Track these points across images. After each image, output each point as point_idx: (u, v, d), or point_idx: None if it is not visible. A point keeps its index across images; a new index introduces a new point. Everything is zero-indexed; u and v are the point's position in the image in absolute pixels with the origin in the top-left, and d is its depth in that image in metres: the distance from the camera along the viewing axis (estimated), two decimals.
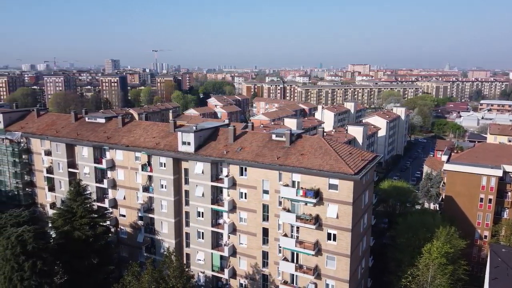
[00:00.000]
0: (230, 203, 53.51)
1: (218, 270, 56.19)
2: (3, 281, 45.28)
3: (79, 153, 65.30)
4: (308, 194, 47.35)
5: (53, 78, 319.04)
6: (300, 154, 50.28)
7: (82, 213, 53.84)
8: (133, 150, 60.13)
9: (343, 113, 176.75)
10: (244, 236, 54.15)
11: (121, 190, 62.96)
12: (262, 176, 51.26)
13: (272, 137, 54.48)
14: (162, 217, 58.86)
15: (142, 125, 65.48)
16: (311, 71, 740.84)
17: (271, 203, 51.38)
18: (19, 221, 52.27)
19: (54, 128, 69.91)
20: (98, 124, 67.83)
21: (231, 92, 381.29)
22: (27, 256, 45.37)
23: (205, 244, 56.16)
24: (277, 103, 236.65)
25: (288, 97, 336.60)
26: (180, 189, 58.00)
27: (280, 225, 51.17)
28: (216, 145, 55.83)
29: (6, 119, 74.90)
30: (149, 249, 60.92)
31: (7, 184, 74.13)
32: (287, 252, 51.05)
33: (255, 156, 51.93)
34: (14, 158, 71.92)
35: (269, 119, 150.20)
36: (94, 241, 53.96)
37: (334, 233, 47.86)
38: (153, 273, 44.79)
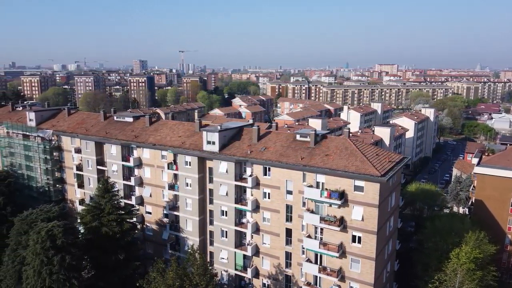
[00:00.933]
0: (253, 202, 53.58)
1: (241, 269, 56.36)
2: (32, 274, 46.67)
3: (107, 151, 66.91)
4: (332, 195, 46.82)
5: (83, 78, 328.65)
6: (325, 154, 49.79)
7: (109, 209, 55.07)
8: (160, 148, 61.13)
9: (370, 114, 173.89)
10: (267, 236, 54.10)
11: (147, 188, 64.10)
12: (285, 177, 51.06)
13: (297, 137, 54.20)
14: (186, 215, 59.57)
15: (169, 125, 66.49)
16: (337, 71, 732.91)
17: (295, 203, 51.10)
18: (49, 216, 53.69)
19: (84, 127, 71.91)
20: (126, 123, 69.32)
21: (255, 92, 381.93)
22: (56, 250, 46.60)
23: (229, 243, 56.46)
24: (302, 103, 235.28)
25: (313, 97, 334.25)
26: (204, 187, 58.54)
27: (304, 226, 50.84)
28: (240, 145, 56.03)
29: (38, 118, 77.56)
30: (174, 246, 61.76)
31: (38, 181, 76.70)
32: (311, 253, 50.65)
33: (279, 156, 51.79)
34: (46, 155, 74.31)
35: (293, 119, 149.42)
36: (121, 237, 55.09)
37: (359, 236, 47.14)
38: (178, 270, 45.31)
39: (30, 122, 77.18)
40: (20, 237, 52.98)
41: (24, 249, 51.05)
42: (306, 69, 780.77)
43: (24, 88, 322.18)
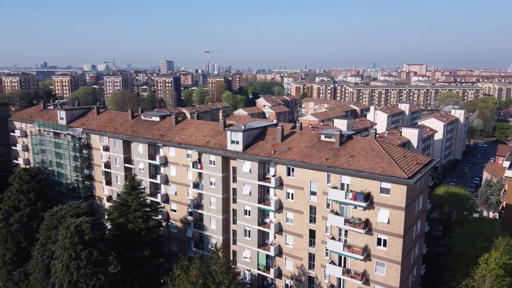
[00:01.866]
0: (276, 203, 53.45)
1: (264, 269, 56.33)
2: (61, 268, 48.04)
3: (134, 149, 68.27)
4: (358, 197, 46.12)
5: (112, 78, 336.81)
6: (350, 155, 49.13)
7: (136, 206, 56.14)
8: (185, 147, 61.88)
9: (397, 115, 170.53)
10: (290, 237, 53.86)
11: (172, 186, 65.03)
12: (309, 177, 50.68)
13: (321, 138, 53.70)
14: (210, 214, 60.06)
15: (194, 124, 67.24)
16: (364, 71, 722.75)
17: (319, 205, 50.65)
18: (78, 212, 55.02)
19: (112, 125, 73.64)
20: (153, 122, 70.55)
21: (280, 92, 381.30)
22: (84, 245, 47.72)
23: (252, 242, 56.54)
24: (327, 103, 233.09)
25: (339, 97, 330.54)
26: (228, 186, 58.86)
27: (328, 227, 50.31)
28: (264, 145, 56.02)
29: (69, 116, 79.95)
30: (198, 244, 62.40)
31: (68, 177, 79.04)
32: (335, 255, 50.08)
33: (303, 156, 51.46)
34: (75, 152, 76.52)
35: (318, 120, 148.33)
36: (146, 234, 56.06)
37: (384, 239, 46.25)
38: (201, 268, 45.68)
39: (61, 120, 79.67)
40: (49, 232, 54.59)
41: (53, 243, 52.59)
42: (331, 69, 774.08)
43: (56, 88, 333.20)
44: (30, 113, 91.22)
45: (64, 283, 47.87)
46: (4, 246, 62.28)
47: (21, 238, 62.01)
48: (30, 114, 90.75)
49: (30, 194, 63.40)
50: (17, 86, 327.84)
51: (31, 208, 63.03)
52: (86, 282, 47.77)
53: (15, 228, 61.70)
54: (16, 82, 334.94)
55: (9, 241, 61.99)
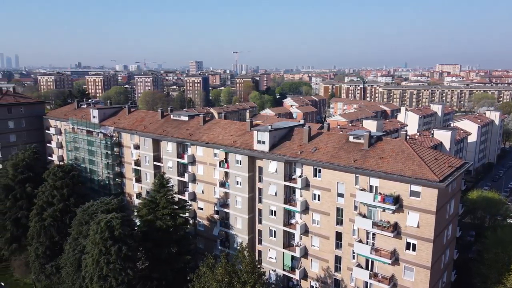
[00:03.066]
0: (303, 203, 53.07)
1: (289, 270, 56.08)
2: (91, 263, 49.49)
3: (164, 148, 69.49)
4: (386, 200, 45.16)
5: (143, 78, 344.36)
6: (379, 157, 48.16)
7: (164, 204, 57.09)
8: (212, 147, 62.45)
9: (429, 116, 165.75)
10: (316, 238, 53.37)
11: (200, 184, 65.76)
12: (337, 179, 50.02)
13: (349, 139, 52.91)
14: (236, 213, 60.34)
15: (221, 124, 67.76)
16: (395, 71, 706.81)
17: (346, 207, 49.92)
18: (108, 208, 56.39)
19: (143, 124, 75.24)
20: (182, 122, 71.61)
21: (307, 92, 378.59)
22: (114, 241, 48.93)
23: (277, 242, 56.39)
24: (356, 103, 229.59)
25: (369, 97, 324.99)
26: (254, 186, 58.95)
27: (355, 230, 49.52)
28: (290, 145, 55.75)
29: (101, 115, 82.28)
30: (224, 242, 62.84)
31: (100, 174, 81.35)
32: (362, 258, 49.24)
33: (330, 157, 50.85)
34: (107, 150, 78.67)
35: (346, 120, 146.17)
36: (174, 231, 56.88)
37: (414, 243, 45.06)
38: (227, 267, 45.95)
39: (94, 119, 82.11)
40: (81, 227, 56.32)
41: (84, 238, 54.22)
42: (361, 69, 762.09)
43: (89, 87, 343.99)
44: (64, 112, 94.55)
45: (94, 277, 49.26)
46: (37, 240, 64.66)
47: (54, 232, 64.27)
48: (64, 112, 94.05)
49: (63, 190, 65.62)
50: (52, 85, 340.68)
51: (64, 204, 65.20)
52: (115, 277, 48.95)
53: (49, 223, 64.03)
54: (51, 81, 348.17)
55: (43, 235, 64.35)
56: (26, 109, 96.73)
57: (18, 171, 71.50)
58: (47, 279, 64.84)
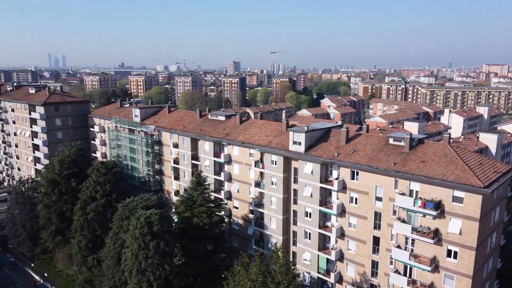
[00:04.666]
0: (339, 206, 52.28)
1: (324, 273, 55.42)
2: (130, 257, 51.05)
3: (201, 147, 70.72)
4: (427, 205, 43.61)
5: (183, 78, 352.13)
6: (420, 161, 46.60)
7: (201, 202, 58.06)
8: (248, 146, 62.84)
9: (474, 119, 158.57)
10: (352, 242, 52.42)
11: (235, 184, 66.36)
12: (375, 182, 48.87)
13: (389, 141, 51.54)
14: (271, 213, 60.37)
15: (257, 124, 68.05)
16: (438, 71, 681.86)
17: (384, 211, 48.68)
18: (148, 204, 57.97)
19: (182, 124, 76.93)
20: (219, 121, 72.59)
21: (346, 92, 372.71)
22: (152, 236, 50.22)
23: (312, 245, 55.91)
24: (397, 104, 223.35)
25: (410, 98, 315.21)
26: (289, 187, 58.73)
27: (393, 235, 48.19)
28: (327, 146, 55.06)
29: (142, 114, 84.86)
30: (258, 242, 63.06)
31: (140, 171, 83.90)
32: (400, 264, 47.85)
33: (368, 160, 49.77)
34: (147, 148, 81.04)
35: (386, 122, 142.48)
36: (210, 228, 57.74)
37: (455, 250, 43.27)
38: (261, 266, 46.04)
39: (135, 118, 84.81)
40: (122, 222, 58.24)
41: (124, 233, 56.03)
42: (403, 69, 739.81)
43: (131, 87, 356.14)
44: (108, 110, 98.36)
45: (133, 271, 50.83)
46: (80, 233, 67.46)
47: (96, 226, 66.86)
48: (108, 111, 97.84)
49: (106, 186, 68.15)
50: (97, 84, 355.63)
51: (106, 199, 67.65)
52: (153, 272, 50.30)
53: (91, 217, 66.68)
54: (96, 81, 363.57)
55: (85, 228, 67.05)
56: (72, 108, 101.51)
57: (64, 167, 74.89)
58: (88, 271, 67.47)
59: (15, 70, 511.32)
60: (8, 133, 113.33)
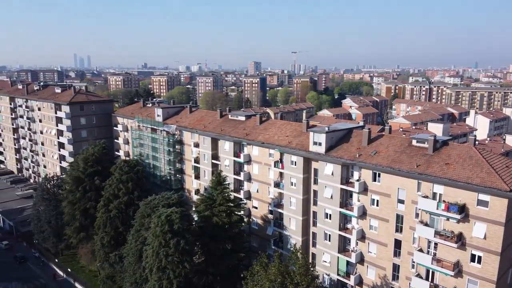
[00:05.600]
0: (360, 208, 51.64)
1: (344, 275, 54.86)
2: (151, 254, 51.84)
3: (221, 147, 71.13)
4: (451, 208, 42.59)
5: (204, 78, 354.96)
6: (444, 163, 45.54)
7: (221, 201, 58.46)
8: (268, 147, 62.81)
9: (501, 120, 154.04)
10: (373, 245, 51.68)
11: (255, 184, 66.45)
12: (397, 184, 48.04)
13: (412, 143, 50.58)
14: (290, 214, 60.16)
15: (277, 124, 67.94)
16: (464, 71, 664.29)
17: (407, 214, 47.80)
18: (169, 202, 58.76)
19: (203, 123, 77.58)
20: (239, 121, 72.85)
21: (368, 92, 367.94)
22: (173, 234, 50.85)
23: (332, 246, 55.42)
24: (421, 105, 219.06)
25: (435, 99, 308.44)
26: (309, 188, 58.38)
27: (416, 238, 47.27)
28: (348, 147, 54.45)
29: (165, 114, 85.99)
30: (277, 242, 62.95)
31: (162, 170, 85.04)
32: (422, 268, 46.89)
33: (391, 161, 48.96)
34: (169, 147, 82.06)
35: (410, 123, 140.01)
36: (229, 228, 58.08)
37: (479, 255, 42.11)
38: (280, 267, 45.99)
39: (158, 117, 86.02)
40: (143, 220, 59.18)
41: (146, 230, 56.89)
42: (427, 69, 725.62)
43: (154, 87, 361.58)
44: (131, 110, 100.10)
45: (153, 268, 51.58)
46: (103, 229, 68.87)
47: (118, 223, 68.16)
48: (131, 110, 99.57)
49: (128, 184, 69.39)
50: (120, 84, 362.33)
51: (129, 197, 68.89)
52: (173, 269, 50.90)
53: (114, 214, 68.01)
54: (120, 81, 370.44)
55: (108, 225, 68.42)
56: (96, 107, 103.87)
57: (88, 165, 76.62)
58: (110, 267, 68.77)
59: (42, 70, 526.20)
60: (34, 131, 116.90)
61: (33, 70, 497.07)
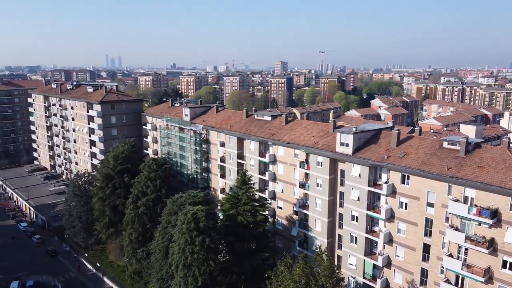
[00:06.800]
0: (387, 211, 50.62)
1: (370, 279, 53.95)
2: (177, 251, 52.60)
3: (247, 147, 71.39)
4: (483, 213, 41.15)
5: (231, 78, 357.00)
6: (477, 166, 44.04)
7: (245, 200, 58.68)
8: (293, 147, 62.53)
9: None
10: (401, 249, 50.57)
11: (280, 184, 66.30)
12: (427, 187, 46.82)
13: (443, 145, 49.16)
14: (315, 215, 59.68)
15: (303, 124, 67.54)
16: (498, 71, 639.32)
17: (436, 218, 46.50)
18: (195, 201, 59.43)
19: (229, 123, 78.11)
20: (265, 121, 72.89)
21: (398, 93, 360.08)
22: (198, 232, 51.39)
23: (358, 249, 54.60)
24: (453, 106, 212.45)
25: (467, 100, 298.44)
26: (335, 189, 57.72)
27: (445, 243, 45.95)
28: (376, 149, 53.49)
29: (192, 113, 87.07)
30: (302, 244, 62.59)
31: (189, 169, 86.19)
32: (451, 274, 45.53)
33: (420, 163, 47.75)
34: (196, 146, 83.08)
35: (441, 124, 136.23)
36: (253, 227, 58.19)
37: (511, 261, 40.54)
38: (305, 268, 45.72)
39: (185, 117, 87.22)
40: (170, 217, 60.10)
41: (172, 227, 57.74)
42: (460, 69, 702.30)
43: (182, 87, 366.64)
44: (159, 109, 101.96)
45: (179, 265, 52.34)
46: (131, 226, 70.38)
47: (146, 220, 69.50)
48: (159, 110, 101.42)
49: (156, 181, 70.66)
50: (150, 84, 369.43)
51: (156, 194, 70.14)
52: (198, 267, 51.46)
53: (142, 211, 69.40)
54: (149, 81, 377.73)
55: (136, 222, 69.86)
56: (126, 106, 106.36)
57: (118, 162, 78.48)
58: (138, 263, 70.23)
59: (75, 70, 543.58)
60: (67, 129, 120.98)
61: (66, 70, 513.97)
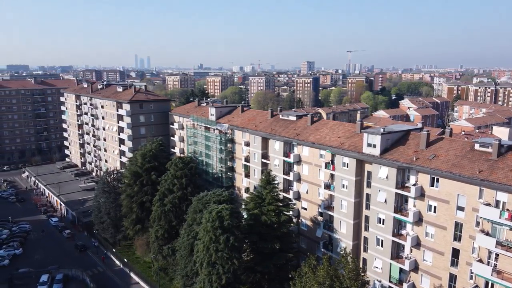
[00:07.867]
0: (415, 214, 49.40)
1: (396, 283, 52.84)
2: (202, 249, 53.21)
3: (271, 146, 71.33)
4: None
5: (256, 78, 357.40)
6: (509, 169, 42.36)
7: (269, 200, 58.68)
8: (318, 147, 61.99)
9: None
10: (429, 253, 49.26)
11: (304, 184, 65.89)
12: (457, 190, 45.39)
13: (475, 147, 47.56)
14: (341, 217, 58.96)
15: (329, 124, 66.85)
16: None
17: (466, 222, 45.03)
18: (220, 199, 59.98)
19: (254, 123, 78.27)
20: (290, 121, 72.61)
21: (428, 93, 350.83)
22: (223, 230, 51.87)
23: (384, 252, 53.56)
24: (486, 107, 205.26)
25: (501, 101, 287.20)
26: (361, 191, 56.83)
27: (475, 248, 44.43)
28: (404, 150, 52.31)
29: (218, 113, 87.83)
30: (326, 245, 61.96)
31: (214, 167, 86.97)
32: (481, 280, 43.99)
33: (450, 166, 46.36)
34: (221, 146, 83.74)
35: (473, 126, 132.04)
36: (277, 227, 58.09)
37: None
38: (329, 270, 45.27)
39: (211, 116, 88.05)
40: (195, 215, 60.85)
41: (197, 225, 58.45)
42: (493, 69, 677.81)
43: (208, 87, 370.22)
44: (186, 109, 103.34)
45: (204, 263, 52.92)
46: (158, 223, 71.69)
47: (172, 217, 70.61)
48: (186, 109, 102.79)
49: (182, 180, 71.70)
50: (177, 84, 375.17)
51: (182, 192, 71.18)
52: (222, 265, 51.89)
53: (168, 208, 70.57)
54: (177, 81, 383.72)
55: (163, 219, 71.10)
56: (155, 106, 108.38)
57: (145, 160, 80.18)
58: (163, 259, 71.44)
59: (105, 70, 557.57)
60: (97, 127, 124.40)
61: (97, 70, 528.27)
